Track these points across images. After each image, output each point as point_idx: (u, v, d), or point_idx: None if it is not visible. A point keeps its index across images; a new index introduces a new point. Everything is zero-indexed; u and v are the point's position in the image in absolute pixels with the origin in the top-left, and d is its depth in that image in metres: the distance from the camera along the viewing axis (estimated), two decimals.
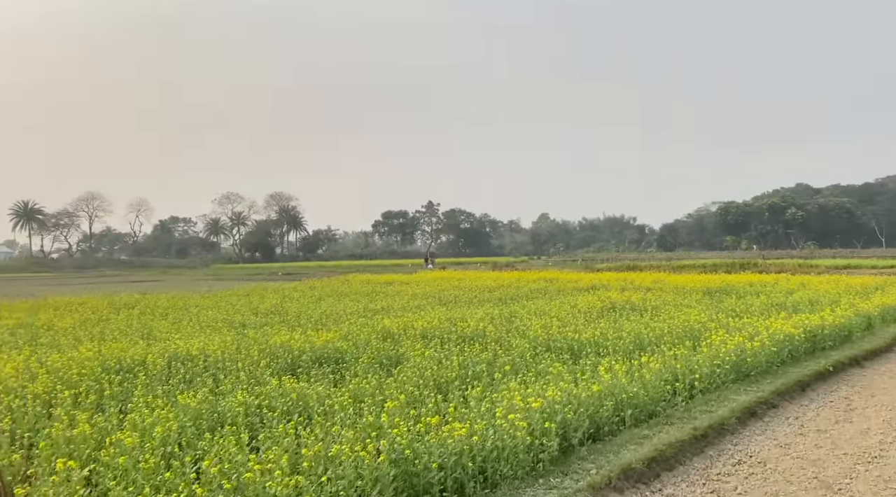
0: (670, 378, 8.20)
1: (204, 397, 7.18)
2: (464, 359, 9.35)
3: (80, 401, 7.68)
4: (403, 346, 10.78)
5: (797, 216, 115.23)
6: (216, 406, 6.91)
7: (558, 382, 7.55)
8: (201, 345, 11.01)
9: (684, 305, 17.54)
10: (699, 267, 48.33)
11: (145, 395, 7.70)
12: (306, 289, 30.67)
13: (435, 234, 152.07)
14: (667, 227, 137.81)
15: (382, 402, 7.09)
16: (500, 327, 12.90)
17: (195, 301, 23.74)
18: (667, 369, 8.30)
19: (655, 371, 8.07)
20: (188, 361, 9.87)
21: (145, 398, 7.47)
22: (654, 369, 8.08)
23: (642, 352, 10.26)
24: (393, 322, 13.72)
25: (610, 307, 17.47)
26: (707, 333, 11.63)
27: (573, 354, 10.34)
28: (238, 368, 8.99)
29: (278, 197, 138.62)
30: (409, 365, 9.17)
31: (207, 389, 8.05)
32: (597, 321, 13.71)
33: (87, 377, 8.60)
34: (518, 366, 9.08)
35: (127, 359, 9.69)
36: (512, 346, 10.64)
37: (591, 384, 7.16)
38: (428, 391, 7.67)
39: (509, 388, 7.01)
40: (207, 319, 16.85)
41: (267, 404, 6.99)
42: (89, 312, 19.30)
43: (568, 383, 7.13)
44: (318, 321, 16.20)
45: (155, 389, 7.90)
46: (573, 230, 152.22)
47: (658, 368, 8.15)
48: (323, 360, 10.21)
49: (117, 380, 8.41)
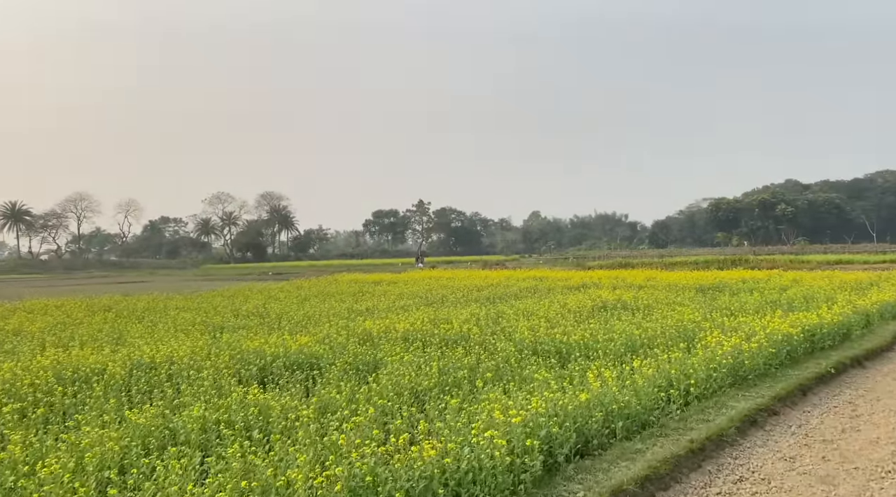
0: (664, 384, 7.66)
1: (158, 412, 6.59)
2: (444, 364, 8.78)
3: (27, 415, 7.07)
4: (382, 350, 10.21)
5: (787, 212, 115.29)
6: (169, 422, 6.31)
7: (543, 391, 7.00)
8: (169, 351, 10.41)
9: (677, 303, 17.04)
10: (691, 264, 47.99)
11: (98, 408, 7.12)
12: (293, 289, 30.03)
13: (426, 233, 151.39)
14: (658, 224, 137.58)
15: (353, 414, 6.51)
16: (486, 329, 12.34)
17: (176, 303, 23.08)
18: (660, 374, 7.76)
19: (648, 376, 7.53)
20: (151, 369, 9.27)
21: (97, 412, 6.87)
22: (647, 375, 7.54)
23: (634, 354, 9.74)
24: (375, 324, 13.15)
25: (601, 306, 16.95)
26: (701, 334, 11.11)
27: (561, 358, 9.80)
28: (203, 377, 8.38)
29: (269, 197, 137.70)
30: (386, 371, 8.60)
31: (166, 401, 7.47)
32: (586, 322, 13.16)
33: (39, 389, 7.98)
34: (502, 371, 8.53)
35: (86, 367, 9.07)
36: (496, 350, 10.07)
37: (578, 393, 6.60)
38: (402, 402, 7.11)
39: (490, 399, 6.44)
40: (184, 322, 16.23)
41: (226, 419, 6.39)
42: (63, 316, 18.60)
43: (554, 392, 6.57)
44: (299, 323, 15.60)
45: (109, 402, 7.28)
46: (564, 228, 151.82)
47: (651, 374, 7.60)
48: (297, 365, 9.62)
49: (70, 391, 7.80)
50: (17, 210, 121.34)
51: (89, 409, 7.04)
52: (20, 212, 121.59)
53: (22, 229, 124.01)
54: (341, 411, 6.51)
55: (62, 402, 7.46)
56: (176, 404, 7.20)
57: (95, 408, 7.16)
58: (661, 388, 7.57)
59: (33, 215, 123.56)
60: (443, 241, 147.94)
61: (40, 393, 7.79)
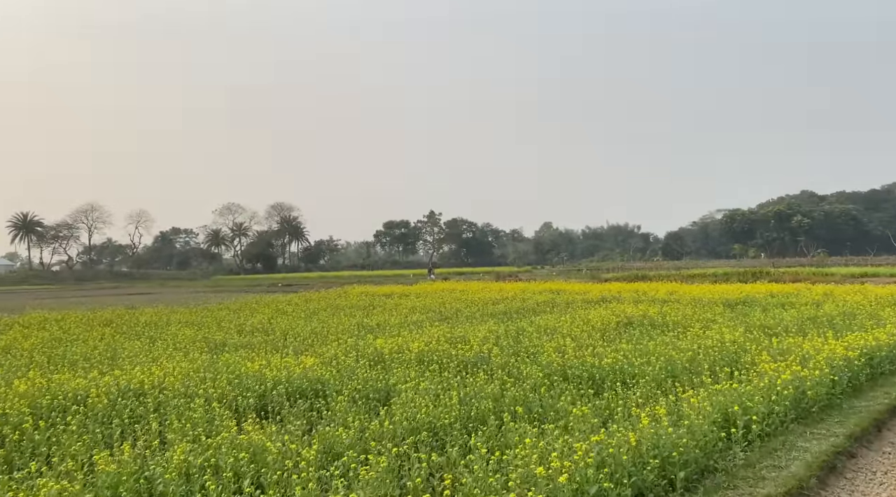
0: (719, 418, 6.63)
1: (138, 453, 5.66)
2: (465, 393, 7.79)
3: None
4: (395, 374, 9.23)
5: (803, 223, 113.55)
6: (146, 469, 5.36)
7: (584, 430, 6.01)
8: (162, 373, 9.50)
9: (708, 320, 15.98)
10: (710, 276, 46.74)
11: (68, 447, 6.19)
12: (301, 302, 29.14)
13: (437, 244, 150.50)
14: (672, 236, 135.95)
15: (362, 457, 5.55)
16: (507, 349, 11.35)
17: (179, 316, 22.24)
18: (715, 407, 6.73)
19: (701, 410, 6.50)
20: (140, 396, 8.35)
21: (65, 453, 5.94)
22: (701, 408, 6.50)
23: (676, 381, 8.72)
24: (386, 343, 12.19)
25: (626, 323, 15.92)
26: (746, 356, 10.09)
27: (594, 384, 8.79)
28: (194, 407, 7.44)
29: (280, 207, 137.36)
30: (399, 401, 7.64)
31: (150, 436, 6.53)
32: (616, 341, 12.14)
33: (8, 422, 7.07)
34: (531, 402, 7.52)
35: (67, 394, 8.16)
36: (522, 375, 9.09)
37: (626, 433, 5.60)
38: (419, 441, 6.13)
39: (524, 444, 5.43)
40: (184, 339, 15.35)
41: (213, 464, 5.44)
42: (60, 331, 17.78)
43: (600, 436, 5.56)
44: (305, 341, 14.68)
45: (82, 439, 6.35)
46: (576, 239, 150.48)
47: (705, 407, 6.57)
48: (300, 393, 8.67)
49: (43, 425, 6.88)
50: (29, 221, 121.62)
51: (58, 450, 6.11)
52: (31, 223, 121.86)
53: (33, 240, 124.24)
54: (349, 456, 5.54)
55: (31, 438, 6.54)
56: (158, 443, 6.25)
57: (67, 445, 6.23)
58: (717, 423, 6.54)
59: (44, 226, 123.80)
60: (454, 252, 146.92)
61: (8, 427, 6.88)
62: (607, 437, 5.56)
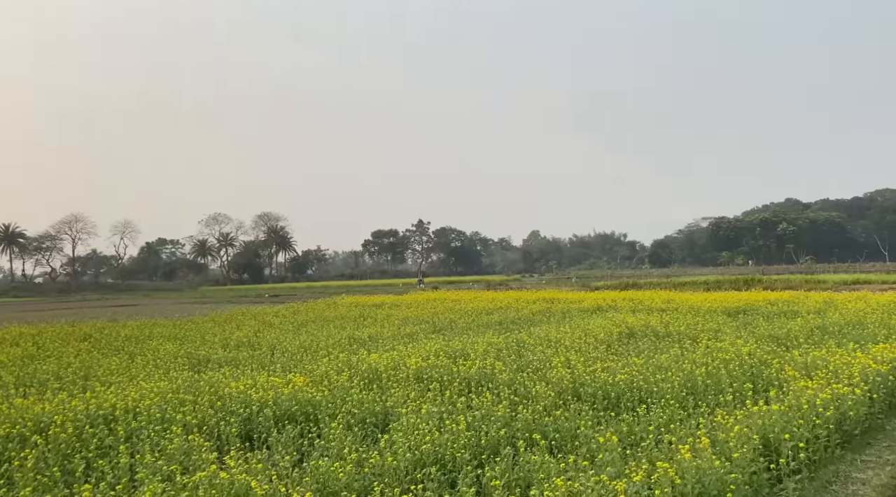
0: (758, 443, 5.91)
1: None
2: (472, 417, 7.06)
3: None
4: (393, 395, 8.48)
5: (789, 231, 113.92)
6: None
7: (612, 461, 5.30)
8: (138, 395, 8.70)
9: (713, 330, 15.36)
10: (702, 284, 46.26)
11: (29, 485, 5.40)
12: (289, 313, 28.27)
13: (426, 252, 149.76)
14: (658, 243, 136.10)
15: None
16: (510, 364, 10.63)
17: (162, 330, 21.32)
18: (754, 432, 6.03)
19: (740, 436, 5.79)
20: (111, 423, 7.54)
21: None
22: (741, 434, 5.80)
23: (699, 400, 8.03)
24: (381, 358, 11.43)
25: (628, 334, 15.27)
26: (767, 370, 9.42)
27: (610, 404, 8.09)
28: (170, 437, 6.65)
29: (266, 217, 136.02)
30: (400, 426, 6.89)
31: (117, 474, 5.74)
32: (625, 355, 11.47)
33: None
34: (546, 427, 6.80)
35: (28, 422, 7.33)
36: (531, 394, 8.37)
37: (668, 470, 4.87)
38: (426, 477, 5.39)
39: (551, 483, 4.71)
40: (166, 354, 14.51)
41: None
42: (33, 347, 16.84)
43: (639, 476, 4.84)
44: (294, 356, 13.88)
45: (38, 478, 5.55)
46: (564, 247, 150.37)
47: (744, 433, 5.87)
48: (289, 417, 7.90)
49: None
50: (11, 232, 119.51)
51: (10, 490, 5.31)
52: (13, 234, 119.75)
53: (15, 252, 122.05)
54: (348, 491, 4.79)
55: None
56: (127, 482, 5.46)
57: (21, 485, 5.43)
58: (758, 449, 5.84)
59: (27, 237, 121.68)
60: (443, 260, 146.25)
61: None
62: (642, 474, 4.84)
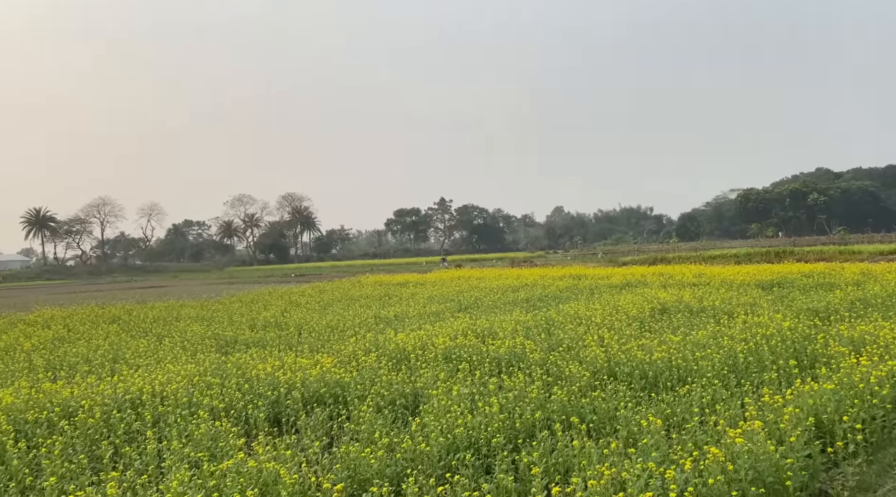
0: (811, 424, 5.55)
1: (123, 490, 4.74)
2: (505, 399, 6.82)
3: None
4: (422, 376, 8.28)
5: (819, 201, 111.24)
6: None
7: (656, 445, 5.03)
8: (165, 379, 8.61)
9: (749, 305, 14.90)
10: (732, 257, 45.47)
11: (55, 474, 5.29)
12: (314, 293, 28.29)
13: (448, 230, 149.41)
14: (686, 217, 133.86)
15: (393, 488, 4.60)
16: (541, 343, 10.36)
17: (190, 311, 21.42)
18: (806, 413, 5.69)
19: (793, 417, 5.45)
20: (138, 407, 7.45)
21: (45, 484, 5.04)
22: (793, 415, 5.45)
23: (741, 378, 7.70)
24: (408, 338, 11.23)
25: (661, 310, 14.88)
26: (811, 345, 9.03)
27: (648, 384, 7.80)
28: (197, 421, 6.52)
29: (291, 198, 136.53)
30: (431, 408, 6.68)
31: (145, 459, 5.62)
32: (660, 332, 11.12)
33: None
34: (583, 409, 6.54)
35: (56, 407, 7.26)
36: (564, 375, 8.11)
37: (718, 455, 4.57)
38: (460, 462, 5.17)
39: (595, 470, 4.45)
40: (194, 336, 14.50)
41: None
42: (64, 330, 16.98)
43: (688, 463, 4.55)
44: (321, 336, 13.78)
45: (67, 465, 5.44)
46: (589, 222, 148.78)
47: (796, 414, 5.53)
48: (317, 399, 7.75)
49: (23, 447, 5.98)
50: (42, 216, 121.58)
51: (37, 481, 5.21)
52: (44, 218, 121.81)
53: (47, 236, 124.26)
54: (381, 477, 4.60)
55: (7, 467, 5.63)
56: (154, 469, 5.34)
57: (50, 473, 5.33)
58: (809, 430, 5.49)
59: (58, 221, 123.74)
60: (465, 238, 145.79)
61: None
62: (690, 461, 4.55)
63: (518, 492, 4.64)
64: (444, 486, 4.58)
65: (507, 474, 4.75)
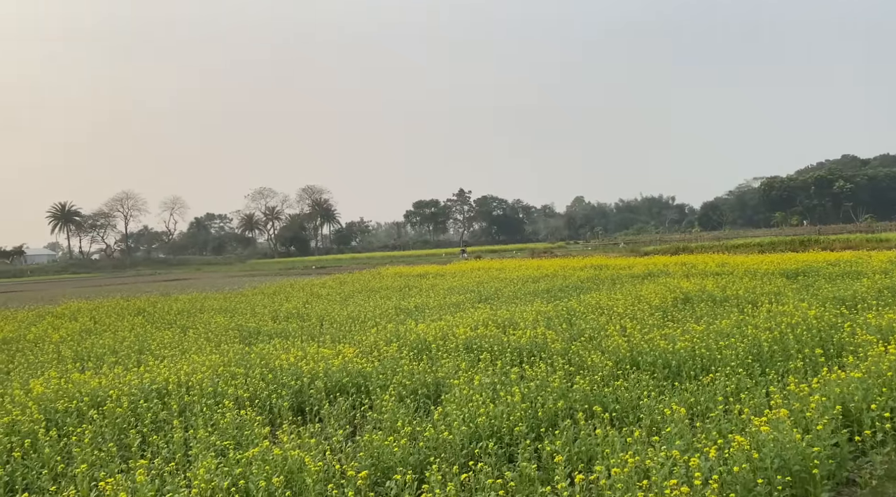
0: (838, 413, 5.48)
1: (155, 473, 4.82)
2: (527, 388, 6.82)
3: None
4: (444, 365, 8.31)
5: (846, 189, 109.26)
6: (161, 496, 4.51)
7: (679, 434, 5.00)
8: (190, 369, 8.73)
9: (773, 293, 14.73)
10: (756, 246, 44.89)
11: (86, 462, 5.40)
12: (335, 284, 28.48)
13: (467, 222, 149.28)
14: (708, 206, 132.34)
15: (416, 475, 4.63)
16: (562, 333, 10.34)
17: (213, 303, 21.69)
18: (833, 402, 5.62)
19: (819, 405, 5.37)
20: (164, 397, 7.57)
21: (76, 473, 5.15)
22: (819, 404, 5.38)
23: (766, 367, 7.63)
24: (429, 328, 11.27)
25: (684, 299, 14.74)
26: (837, 334, 8.90)
27: (671, 373, 7.75)
28: (222, 411, 6.61)
29: (310, 190, 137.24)
30: (453, 398, 6.71)
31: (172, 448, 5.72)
32: (683, 322, 11.05)
33: (17, 431, 6.32)
34: (604, 398, 6.52)
35: (85, 397, 7.39)
36: (586, 364, 8.08)
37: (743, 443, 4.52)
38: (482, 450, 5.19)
39: (618, 457, 4.44)
40: (217, 327, 14.68)
41: (242, 487, 4.58)
42: (91, 322, 17.28)
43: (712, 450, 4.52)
44: (342, 326, 13.87)
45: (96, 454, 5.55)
46: (609, 212, 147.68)
47: (823, 402, 5.47)
48: (340, 389, 7.81)
49: (54, 435, 6.10)
50: (67, 211, 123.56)
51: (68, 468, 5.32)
52: (69, 212, 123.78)
53: (72, 230, 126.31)
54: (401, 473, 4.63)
55: (41, 452, 5.76)
56: (181, 457, 5.42)
57: (79, 461, 5.43)
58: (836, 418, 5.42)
59: (82, 216, 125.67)
60: (485, 229, 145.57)
61: (17, 438, 6.12)
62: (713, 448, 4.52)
63: (541, 479, 4.65)
64: (468, 474, 4.61)
65: (529, 462, 4.76)
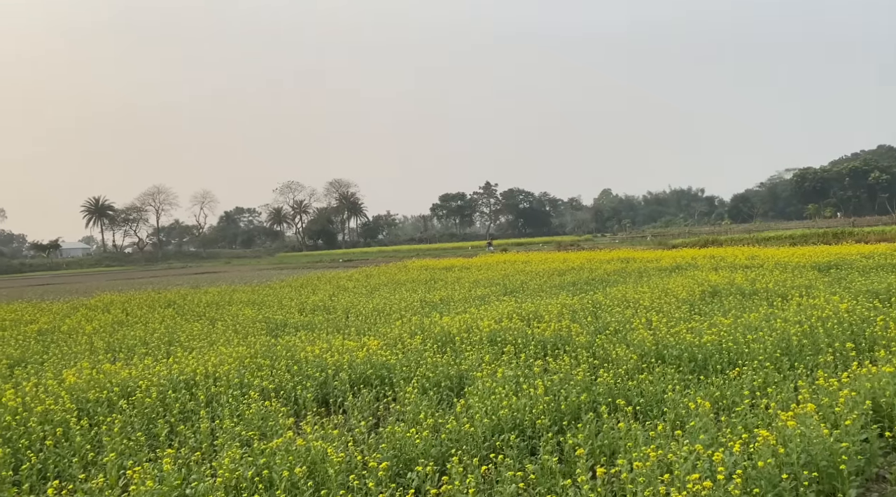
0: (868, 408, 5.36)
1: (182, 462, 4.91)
2: (550, 381, 6.80)
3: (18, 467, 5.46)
4: (467, 358, 8.32)
5: (881, 180, 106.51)
6: (188, 485, 4.59)
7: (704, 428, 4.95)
8: (217, 360, 8.87)
9: (805, 287, 14.46)
10: (787, 238, 44.05)
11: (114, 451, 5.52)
12: (362, 277, 28.66)
13: (493, 215, 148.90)
14: (738, 198, 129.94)
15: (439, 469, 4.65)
16: (587, 326, 10.28)
17: (241, 295, 21.99)
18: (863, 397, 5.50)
19: (848, 400, 5.26)
20: (192, 387, 7.70)
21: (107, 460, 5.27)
22: (849, 399, 5.27)
23: (794, 361, 7.49)
24: (453, 321, 11.29)
25: (711, 292, 14.57)
26: (870, 328, 8.70)
27: (697, 367, 7.66)
28: (248, 402, 6.71)
29: (337, 184, 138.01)
30: (475, 390, 6.72)
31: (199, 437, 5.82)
32: (710, 315, 10.90)
33: (48, 420, 6.48)
34: (628, 392, 6.47)
35: (115, 387, 7.55)
36: (611, 357, 8.03)
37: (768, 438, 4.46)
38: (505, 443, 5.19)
39: (640, 451, 4.41)
40: (245, 319, 14.88)
41: (266, 476, 4.65)
42: (122, 314, 17.64)
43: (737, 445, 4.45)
44: (367, 319, 13.96)
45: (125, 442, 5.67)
46: (637, 205, 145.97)
47: (852, 397, 5.36)
48: (364, 381, 7.87)
49: (85, 424, 6.25)
50: (101, 205, 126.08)
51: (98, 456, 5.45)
52: (103, 207, 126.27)
53: (105, 224, 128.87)
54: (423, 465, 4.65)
55: (73, 440, 5.90)
56: (207, 446, 5.52)
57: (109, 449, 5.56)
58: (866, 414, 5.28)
59: (115, 210, 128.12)
60: (511, 222, 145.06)
61: (49, 427, 6.29)
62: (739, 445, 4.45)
63: (563, 472, 4.64)
64: (489, 466, 4.62)
65: (551, 455, 4.75)
